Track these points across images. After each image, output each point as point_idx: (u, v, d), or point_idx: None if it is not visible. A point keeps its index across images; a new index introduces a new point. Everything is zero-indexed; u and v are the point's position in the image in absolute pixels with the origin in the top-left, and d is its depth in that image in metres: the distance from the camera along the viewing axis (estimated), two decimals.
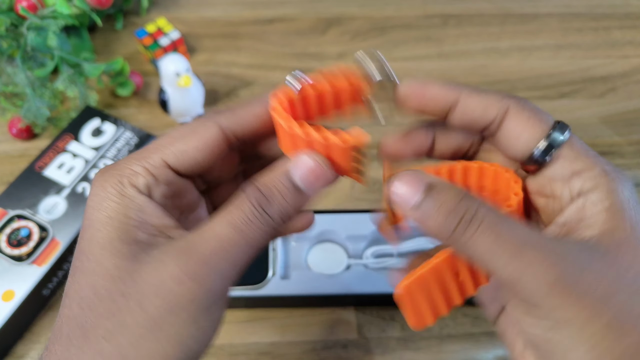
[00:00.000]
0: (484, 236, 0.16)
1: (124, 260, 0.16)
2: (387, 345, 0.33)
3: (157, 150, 0.17)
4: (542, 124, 0.18)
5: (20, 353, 0.33)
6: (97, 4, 0.43)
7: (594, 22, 0.54)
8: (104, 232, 0.16)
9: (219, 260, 0.16)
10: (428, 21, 0.54)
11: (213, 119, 0.18)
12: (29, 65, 0.41)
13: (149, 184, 0.17)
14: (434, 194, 0.17)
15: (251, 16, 0.54)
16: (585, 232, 0.16)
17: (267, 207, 0.17)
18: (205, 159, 0.18)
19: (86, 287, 0.16)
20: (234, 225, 0.16)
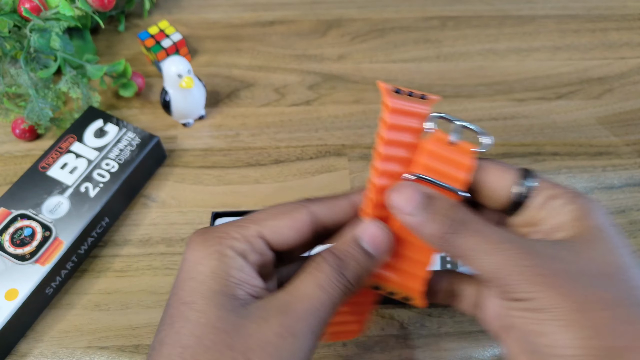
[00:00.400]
0: (471, 236, 0.18)
1: (227, 313, 0.17)
2: (386, 343, 0.34)
3: (254, 223, 0.20)
4: (511, 171, 0.20)
5: (23, 352, 0.33)
6: (99, 5, 0.43)
7: (591, 24, 0.54)
8: (207, 285, 0.18)
9: (312, 318, 0.18)
10: (427, 23, 0.54)
11: (306, 205, 0.21)
12: (32, 67, 0.42)
13: (245, 250, 0.19)
14: (430, 203, 0.19)
15: (252, 18, 0.54)
16: (558, 234, 0.19)
17: (344, 269, 0.19)
18: (293, 239, 0.20)
19: (189, 336, 0.17)
20: (321, 286, 0.18)
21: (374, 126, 0.46)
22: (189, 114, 0.44)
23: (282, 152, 0.44)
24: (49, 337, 0.34)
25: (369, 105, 0.47)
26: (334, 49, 0.52)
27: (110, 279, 0.36)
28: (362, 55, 0.51)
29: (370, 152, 0.44)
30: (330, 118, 0.46)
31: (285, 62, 0.50)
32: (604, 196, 0.41)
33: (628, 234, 0.39)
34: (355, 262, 0.19)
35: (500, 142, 0.45)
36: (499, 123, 0.46)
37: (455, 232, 0.19)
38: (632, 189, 0.42)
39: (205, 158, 0.43)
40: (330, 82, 0.49)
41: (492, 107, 0.47)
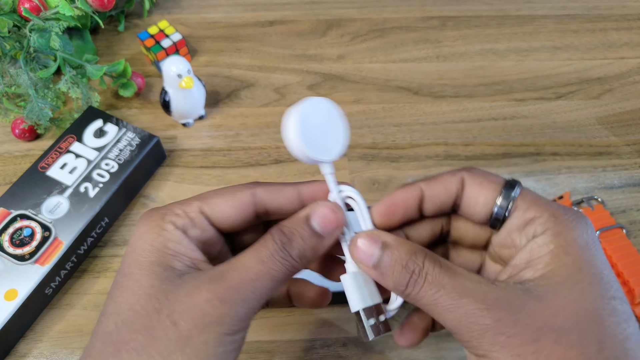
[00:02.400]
0: (428, 290, 0.18)
1: (160, 281, 0.18)
2: (386, 343, 0.34)
3: (197, 200, 0.20)
4: (494, 185, 0.20)
5: (22, 352, 0.33)
6: (99, 5, 0.43)
7: (590, 24, 0.54)
8: (144, 257, 0.19)
9: (246, 288, 0.18)
10: (426, 23, 0.54)
11: (251, 187, 0.21)
12: (32, 67, 0.42)
13: (185, 225, 0.20)
14: (388, 253, 0.19)
15: (252, 18, 0.54)
16: (528, 273, 0.18)
17: (288, 246, 0.19)
18: (234, 218, 0.20)
19: (124, 304, 0.18)
20: (260, 259, 0.18)
21: (374, 126, 0.46)
22: (189, 114, 0.44)
23: (282, 152, 0.44)
24: (48, 338, 0.34)
25: (369, 105, 0.47)
26: (334, 49, 0.52)
27: (110, 279, 0.36)
28: (361, 55, 0.51)
29: (370, 152, 0.44)
30: None
31: (285, 62, 0.50)
32: (604, 196, 0.41)
33: (629, 234, 0.39)
34: (301, 240, 0.19)
35: (500, 142, 0.45)
36: (499, 123, 0.46)
37: (414, 286, 0.18)
38: (632, 189, 0.42)
39: (205, 158, 0.43)
40: (330, 82, 0.49)
41: (492, 107, 0.47)
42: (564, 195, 0.41)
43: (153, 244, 0.19)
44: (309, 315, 0.35)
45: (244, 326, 0.18)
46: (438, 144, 0.44)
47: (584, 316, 0.16)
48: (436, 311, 0.18)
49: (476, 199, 0.20)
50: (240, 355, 0.33)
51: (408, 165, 0.43)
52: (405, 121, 0.46)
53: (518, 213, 0.19)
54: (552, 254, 0.18)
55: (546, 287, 0.17)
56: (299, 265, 0.19)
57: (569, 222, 0.18)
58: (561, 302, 0.17)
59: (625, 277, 0.35)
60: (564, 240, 0.18)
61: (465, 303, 0.17)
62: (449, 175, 0.21)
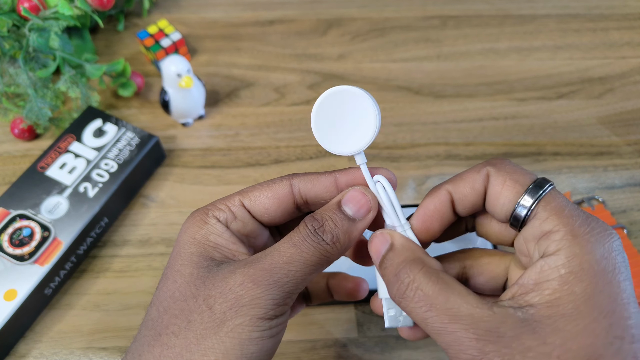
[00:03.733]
0: (420, 307, 0.17)
1: (198, 269, 0.19)
2: (386, 344, 0.34)
3: (238, 194, 0.21)
4: (517, 185, 0.18)
5: (22, 352, 0.33)
6: (98, 5, 0.43)
7: (591, 23, 0.54)
8: (187, 249, 0.19)
9: (279, 271, 0.18)
10: (427, 22, 0.54)
11: (289, 178, 0.21)
12: (31, 66, 0.42)
13: (227, 218, 0.20)
14: (390, 256, 0.19)
15: (252, 17, 0.54)
16: (534, 297, 0.16)
17: (321, 230, 0.19)
18: (273, 209, 0.21)
19: (165, 292, 0.19)
20: (293, 244, 0.19)
21: None
22: (189, 114, 0.44)
23: (282, 152, 0.43)
24: (48, 338, 0.34)
25: None
26: (334, 49, 0.52)
27: (110, 279, 0.36)
28: (362, 54, 0.51)
29: (371, 151, 0.44)
30: None
31: (285, 62, 0.50)
32: (605, 196, 0.41)
33: (629, 234, 0.39)
34: (333, 224, 0.19)
35: (502, 142, 0.45)
36: (500, 123, 0.46)
37: (403, 297, 0.17)
38: (633, 188, 0.42)
39: (204, 158, 0.43)
40: (331, 82, 0.49)
41: (493, 107, 0.47)
42: (565, 195, 0.40)
43: (195, 237, 0.19)
44: (309, 316, 0.35)
45: (279, 312, 0.18)
46: (439, 143, 0.44)
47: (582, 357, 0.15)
48: (426, 329, 0.17)
49: (496, 199, 0.19)
50: None
51: (409, 165, 0.43)
52: (406, 121, 0.46)
53: (536, 222, 0.18)
54: (561, 280, 0.16)
55: (547, 318, 0.16)
56: (333, 249, 0.19)
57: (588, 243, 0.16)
58: (558, 339, 0.15)
59: None
60: (577, 265, 0.16)
61: (455, 329, 0.16)
62: (475, 173, 0.20)
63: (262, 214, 0.21)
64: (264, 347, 0.18)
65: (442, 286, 0.17)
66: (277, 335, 0.18)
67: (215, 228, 0.20)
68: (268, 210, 0.21)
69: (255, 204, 0.21)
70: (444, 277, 0.18)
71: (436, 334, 0.17)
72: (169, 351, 0.17)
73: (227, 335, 0.17)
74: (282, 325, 0.19)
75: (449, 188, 0.20)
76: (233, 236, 0.20)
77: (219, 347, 0.17)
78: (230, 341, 0.17)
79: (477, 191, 0.20)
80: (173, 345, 0.17)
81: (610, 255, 0.16)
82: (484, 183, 0.19)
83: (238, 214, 0.20)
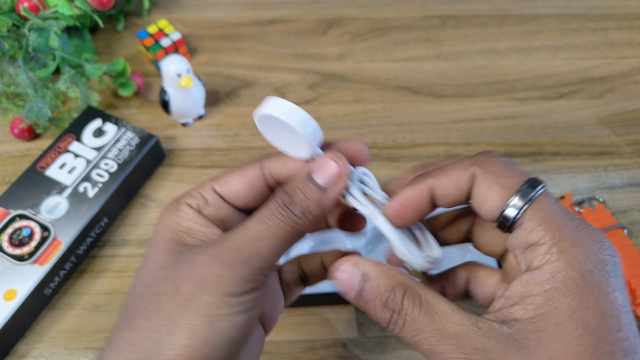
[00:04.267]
0: (408, 332, 0.17)
1: (170, 255, 0.19)
2: (386, 344, 0.33)
3: (211, 181, 0.21)
4: (504, 189, 0.18)
5: (21, 352, 0.33)
6: (98, 5, 0.43)
7: (592, 23, 0.54)
8: (161, 236, 0.20)
9: (246, 248, 0.18)
10: (427, 22, 0.54)
11: (260, 160, 0.21)
12: (31, 66, 0.42)
13: (199, 204, 0.20)
14: (368, 288, 0.18)
15: (251, 17, 0.54)
16: (519, 311, 0.16)
17: (290, 203, 0.18)
18: (245, 192, 0.21)
19: (139, 280, 0.19)
20: (261, 220, 0.18)
21: (375, 125, 0.46)
22: (188, 114, 0.44)
23: None
24: (48, 338, 0.34)
25: (369, 104, 0.47)
26: (334, 48, 0.51)
27: (109, 279, 0.36)
28: (362, 54, 0.51)
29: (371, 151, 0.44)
30: (331, 117, 0.46)
31: (285, 62, 0.50)
32: (605, 196, 0.41)
33: (630, 235, 0.39)
34: (302, 195, 0.18)
35: (502, 141, 0.45)
36: (500, 123, 0.46)
37: (395, 325, 0.18)
38: (633, 189, 0.42)
39: (204, 158, 0.43)
40: (331, 82, 0.49)
41: (493, 107, 0.47)
42: (565, 195, 0.40)
43: (168, 224, 0.20)
44: (308, 316, 0.35)
45: (249, 287, 0.18)
46: (439, 143, 0.44)
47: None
48: (418, 350, 0.17)
49: (482, 202, 0.18)
50: None
51: (408, 165, 0.43)
52: (406, 121, 0.46)
53: (522, 232, 0.17)
54: (545, 297, 0.16)
55: (532, 333, 0.16)
56: (305, 222, 0.18)
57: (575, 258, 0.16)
58: (544, 355, 0.15)
59: (627, 278, 0.35)
60: (561, 281, 0.16)
61: (444, 349, 0.16)
62: (460, 171, 0.19)
63: (234, 198, 0.21)
64: (234, 323, 0.17)
65: (425, 309, 0.17)
66: (250, 310, 0.18)
67: (187, 214, 0.20)
68: (240, 193, 0.20)
69: (227, 189, 0.21)
70: (426, 296, 0.18)
71: (427, 355, 0.17)
72: (139, 333, 0.17)
73: (194, 314, 0.17)
74: (255, 301, 0.18)
75: (431, 183, 0.19)
76: (206, 220, 0.20)
77: (187, 325, 0.17)
78: (197, 318, 0.17)
79: (461, 190, 0.19)
80: (142, 328, 0.17)
81: (598, 267, 0.16)
82: (468, 183, 0.19)
83: (210, 199, 0.20)
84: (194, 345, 0.16)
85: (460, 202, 0.20)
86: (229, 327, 0.17)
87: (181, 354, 0.16)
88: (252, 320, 0.18)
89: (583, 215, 0.39)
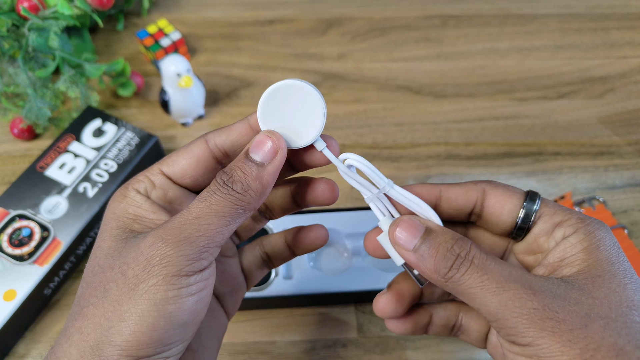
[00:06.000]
0: (474, 273, 0.18)
1: (117, 242, 0.19)
2: (386, 344, 0.33)
3: (158, 163, 0.21)
4: (516, 195, 0.21)
5: (21, 352, 0.33)
6: (98, 4, 0.43)
7: (592, 23, 0.54)
8: (109, 224, 0.19)
9: (189, 227, 0.18)
10: (427, 22, 0.54)
11: (204, 136, 0.21)
12: (31, 66, 0.41)
13: (147, 188, 0.20)
14: (432, 237, 0.19)
15: (251, 17, 0.54)
16: (565, 270, 0.19)
17: (229, 181, 0.19)
18: (192, 168, 0.21)
19: (88, 268, 0.19)
20: (203, 199, 0.18)
21: (375, 125, 0.46)
22: (188, 114, 0.44)
23: None
24: (48, 338, 0.34)
25: (370, 104, 0.47)
26: (334, 48, 0.51)
27: None
28: (362, 54, 0.51)
29: (371, 151, 0.44)
30: (331, 117, 0.46)
31: (285, 61, 0.50)
32: (606, 196, 0.41)
33: (630, 234, 0.39)
34: (241, 172, 0.19)
35: (502, 141, 0.44)
36: (500, 122, 0.46)
37: (459, 269, 0.18)
38: (633, 189, 0.41)
39: None
40: (331, 81, 0.49)
41: (494, 107, 0.47)
42: (566, 195, 0.40)
43: (115, 212, 0.19)
44: (309, 316, 0.35)
45: (197, 267, 0.18)
46: (439, 143, 0.44)
47: (627, 306, 0.17)
48: (480, 294, 0.18)
49: (501, 208, 0.21)
50: (240, 356, 0.33)
51: (409, 165, 0.43)
52: (406, 120, 0.46)
53: (545, 218, 0.20)
54: (586, 251, 0.18)
55: (586, 280, 0.18)
56: (247, 197, 0.19)
57: (595, 225, 0.19)
58: (603, 292, 0.17)
59: None
60: (595, 238, 0.19)
61: (512, 287, 0.17)
62: (471, 184, 0.21)
63: (182, 177, 0.21)
64: (183, 306, 0.17)
65: (491, 256, 0.19)
66: (199, 292, 0.18)
67: (134, 200, 0.20)
68: (187, 171, 0.20)
69: (174, 168, 0.20)
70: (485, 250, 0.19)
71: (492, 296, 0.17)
72: (89, 321, 0.17)
73: (141, 298, 0.17)
74: (204, 282, 0.18)
75: (442, 187, 0.21)
76: (153, 205, 0.20)
77: (134, 310, 0.17)
78: (144, 302, 0.17)
79: (469, 198, 0.21)
80: (92, 316, 0.17)
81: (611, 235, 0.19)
82: (477, 194, 0.21)
83: (157, 182, 0.20)
84: (142, 330, 0.16)
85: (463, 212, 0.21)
86: (177, 311, 0.17)
87: (130, 339, 0.16)
88: (203, 303, 0.18)
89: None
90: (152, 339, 0.16)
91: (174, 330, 0.17)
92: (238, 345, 0.33)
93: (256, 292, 0.33)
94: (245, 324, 0.34)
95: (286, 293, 0.33)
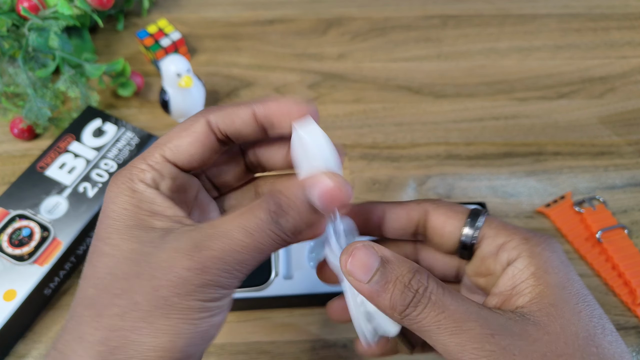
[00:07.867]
0: (432, 311, 0.17)
1: (141, 245, 0.17)
2: None
3: (156, 149, 0.19)
4: (458, 215, 0.20)
5: (21, 353, 0.33)
6: (98, 4, 0.43)
7: (592, 23, 0.54)
8: (121, 221, 0.18)
9: (230, 260, 0.17)
10: (427, 22, 0.54)
11: (202, 115, 0.19)
12: (31, 66, 0.41)
13: (154, 178, 0.19)
14: (388, 270, 0.18)
15: (251, 17, 0.54)
16: (519, 300, 0.18)
17: (282, 220, 0.17)
18: (198, 152, 0.19)
19: (103, 269, 0.17)
20: (247, 231, 0.17)
21: (375, 125, 0.46)
22: (188, 114, 0.44)
23: None
24: (48, 338, 0.34)
25: (370, 104, 0.47)
26: (334, 48, 0.51)
27: None
28: (362, 54, 0.51)
29: (371, 151, 0.44)
30: (331, 117, 0.46)
31: (285, 61, 0.50)
32: (606, 196, 0.41)
33: (630, 234, 0.39)
34: (297, 215, 0.17)
35: (502, 141, 0.44)
36: (501, 122, 0.46)
37: (416, 307, 0.17)
38: (634, 189, 0.41)
39: None
40: (331, 81, 0.49)
41: (494, 107, 0.47)
42: (566, 195, 0.40)
43: (127, 207, 0.18)
44: (309, 316, 0.35)
45: (227, 293, 0.18)
46: (439, 143, 0.44)
47: (583, 338, 0.17)
48: (437, 333, 0.17)
49: (442, 228, 0.20)
50: (240, 356, 0.33)
51: (409, 165, 0.43)
52: (406, 120, 0.46)
53: (488, 240, 0.20)
54: (535, 277, 0.18)
55: (539, 311, 0.17)
56: (292, 240, 0.18)
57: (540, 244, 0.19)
58: (558, 325, 0.17)
59: (627, 278, 0.35)
60: (541, 261, 0.18)
61: (470, 327, 0.16)
62: (414, 203, 0.21)
63: (189, 162, 0.19)
64: (213, 322, 0.17)
65: (448, 290, 0.17)
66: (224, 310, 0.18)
67: (146, 195, 0.18)
68: (194, 156, 0.19)
69: (179, 154, 0.19)
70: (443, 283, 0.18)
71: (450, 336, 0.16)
72: (116, 334, 0.16)
73: (176, 317, 0.16)
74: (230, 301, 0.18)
75: (385, 207, 0.21)
76: (167, 200, 0.18)
77: (169, 329, 0.16)
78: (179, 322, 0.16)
79: (411, 218, 0.21)
80: (119, 328, 0.16)
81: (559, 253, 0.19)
82: (419, 214, 0.21)
83: (164, 171, 0.19)
84: (176, 347, 0.16)
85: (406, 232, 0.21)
86: (209, 327, 0.17)
87: (164, 355, 0.16)
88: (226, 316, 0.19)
89: (583, 215, 0.39)
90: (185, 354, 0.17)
91: (204, 344, 0.17)
92: (239, 345, 0.33)
93: (256, 292, 0.33)
94: (246, 324, 0.34)
95: (286, 293, 0.33)
